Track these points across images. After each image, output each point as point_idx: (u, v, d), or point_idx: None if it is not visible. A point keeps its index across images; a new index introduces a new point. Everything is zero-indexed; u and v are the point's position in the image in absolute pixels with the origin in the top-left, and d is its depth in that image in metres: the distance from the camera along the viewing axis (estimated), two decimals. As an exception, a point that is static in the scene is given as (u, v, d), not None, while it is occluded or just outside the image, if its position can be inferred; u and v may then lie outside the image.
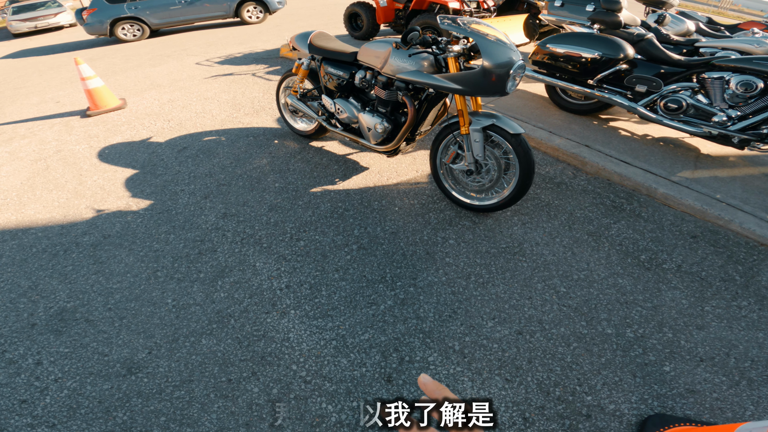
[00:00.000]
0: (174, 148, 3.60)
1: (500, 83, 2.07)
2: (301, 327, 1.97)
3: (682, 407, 1.63)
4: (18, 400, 1.71)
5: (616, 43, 3.32)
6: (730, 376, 1.74)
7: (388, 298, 2.10)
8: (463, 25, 2.15)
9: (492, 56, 2.03)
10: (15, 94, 5.70)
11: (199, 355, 1.85)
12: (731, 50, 3.72)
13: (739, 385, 1.71)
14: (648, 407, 1.63)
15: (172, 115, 4.31)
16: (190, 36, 8.72)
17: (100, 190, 3.05)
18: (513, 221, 2.66)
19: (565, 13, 4.05)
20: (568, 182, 3.10)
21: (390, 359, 1.81)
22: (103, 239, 2.55)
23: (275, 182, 3.02)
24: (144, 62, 6.68)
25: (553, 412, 1.61)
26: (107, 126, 4.17)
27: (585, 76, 3.55)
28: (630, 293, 2.12)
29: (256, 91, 4.90)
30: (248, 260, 2.34)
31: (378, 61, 2.52)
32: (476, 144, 2.38)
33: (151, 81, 5.59)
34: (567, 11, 4.03)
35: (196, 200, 2.86)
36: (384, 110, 2.64)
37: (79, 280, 2.27)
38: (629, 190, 3.01)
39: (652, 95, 3.33)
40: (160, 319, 2.02)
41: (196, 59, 6.61)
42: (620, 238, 2.52)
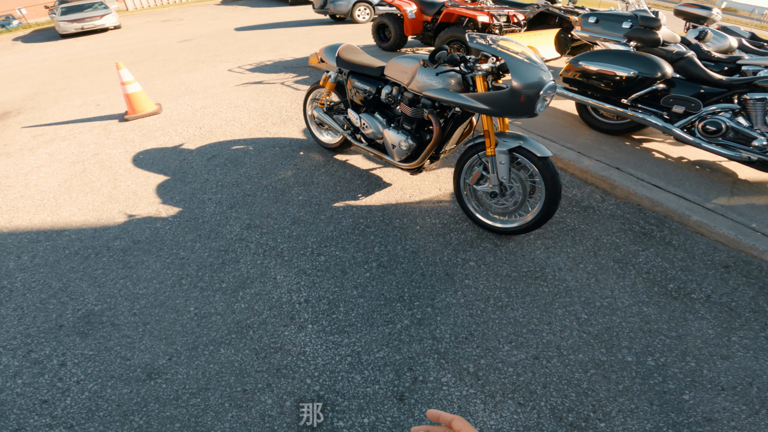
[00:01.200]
0: (204, 155, 3.70)
1: (529, 104, 2.03)
2: (317, 341, 1.98)
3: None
4: (39, 400, 1.77)
5: (654, 62, 3.21)
6: (750, 405, 1.69)
7: (405, 318, 2.10)
8: (491, 44, 2.13)
9: (521, 76, 2.00)
10: (59, 96, 6.00)
11: (217, 364, 1.89)
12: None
13: (758, 414, 1.65)
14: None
15: (204, 122, 4.44)
16: (224, 43, 8.97)
17: (133, 195, 3.17)
18: (536, 245, 2.60)
19: (599, 30, 3.95)
20: (595, 206, 3.01)
21: (403, 378, 1.80)
22: (133, 244, 2.64)
23: (299, 195, 3.07)
24: (180, 67, 6.92)
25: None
26: (143, 131, 4.33)
27: (618, 95, 3.45)
28: (654, 322, 2.06)
29: (284, 100, 4.99)
30: (269, 273, 2.38)
31: (405, 77, 2.53)
32: (502, 166, 2.34)
33: (185, 87, 5.78)
34: (602, 28, 3.93)
35: (222, 210, 2.93)
36: (409, 127, 2.64)
37: (108, 283, 2.36)
38: (660, 217, 2.90)
39: (690, 116, 3.20)
40: (182, 327, 2.07)
41: (228, 66, 6.80)
42: (648, 266, 2.43)
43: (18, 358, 1.96)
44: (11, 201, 3.28)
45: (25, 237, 2.82)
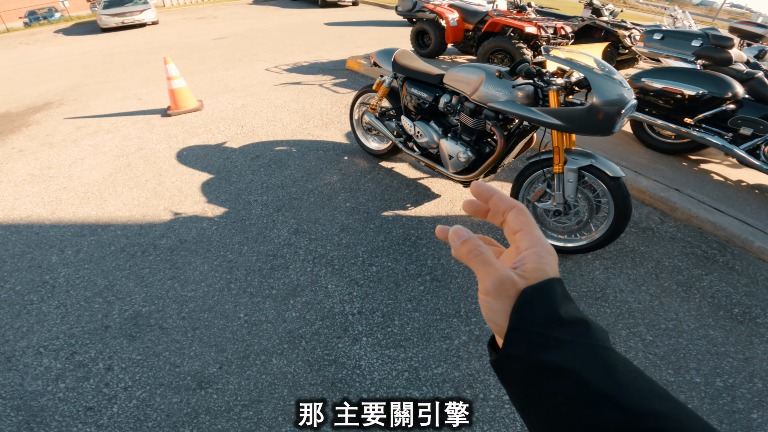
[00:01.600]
0: (247, 155, 3.67)
1: (608, 122, 1.93)
2: (372, 355, 1.91)
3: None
4: (84, 407, 1.70)
5: (725, 81, 3.06)
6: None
7: (463, 334, 2.02)
8: (573, 59, 2.04)
9: (603, 93, 1.91)
10: (100, 89, 6.09)
11: (269, 375, 1.82)
12: None
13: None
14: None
15: (245, 121, 4.43)
16: (259, 42, 9.04)
17: (178, 193, 3.15)
18: (594, 265, 2.50)
19: (665, 47, 3.82)
20: (654, 228, 2.89)
21: (464, 395, 1.75)
22: (180, 244, 2.60)
23: (346, 201, 3.00)
24: (218, 65, 6.97)
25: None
26: (185, 127, 4.34)
27: (682, 114, 3.31)
28: (721, 345, 2.02)
29: (324, 102, 4.95)
30: (320, 281, 2.31)
31: (467, 87, 2.44)
32: (569, 184, 2.24)
33: (224, 84, 5.80)
34: (668, 45, 3.79)
35: (269, 212, 2.88)
36: (468, 138, 2.55)
37: (155, 284, 2.32)
38: (722, 241, 2.78)
39: (756, 139, 3.05)
40: (232, 334, 2.01)
41: (265, 65, 6.82)
42: (712, 290, 2.36)
43: (61, 360, 1.90)
44: (54, 192, 3.28)
45: (68, 230, 2.81)
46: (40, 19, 19.30)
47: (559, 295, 0.34)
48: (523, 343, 0.33)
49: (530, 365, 0.32)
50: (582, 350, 0.32)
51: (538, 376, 0.32)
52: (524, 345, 0.33)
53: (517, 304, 0.34)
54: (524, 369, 0.33)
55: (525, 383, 0.33)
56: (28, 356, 1.92)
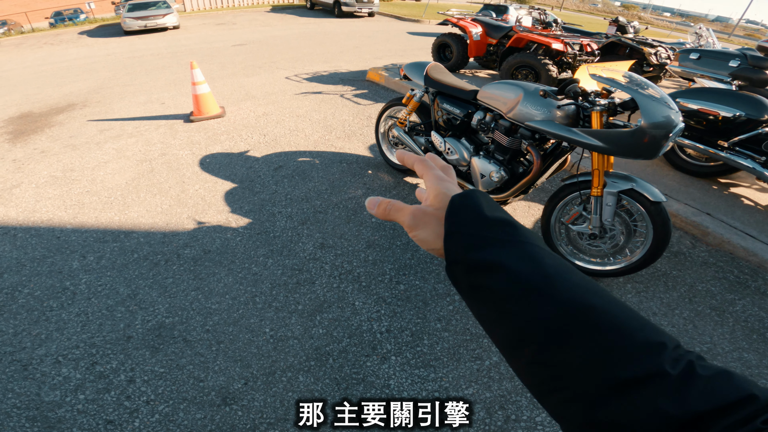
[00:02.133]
0: (270, 165, 3.66)
1: (654, 146, 1.87)
2: (402, 375, 1.86)
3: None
4: (104, 420, 1.65)
5: (763, 103, 3.00)
6: None
7: (494, 354, 1.97)
8: (617, 79, 1.99)
9: (651, 115, 1.84)
10: (123, 91, 6.15)
11: (296, 392, 1.77)
12: None
13: None
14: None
15: (267, 130, 4.42)
16: (278, 50, 9.11)
17: (201, 201, 3.13)
18: (626, 288, 2.44)
19: (701, 67, 3.76)
20: (686, 252, 2.82)
21: (495, 417, 1.70)
22: (204, 254, 2.58)
23: (372, 217, 2.96)
24: (238, 71, 7.02)
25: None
26: (208, 134, 4.34)
27: (716, 136, 3.23)
28: (755, 367, 2.00)
29: (346, 113, 4.95)
30: (347, 298, 2.26)
31: (503, 105, 2.40)
32: (608, 208, 2.18)
33: (245, 91, 5.83)
34: (704, 65, 3.73)
35: (293, 225, 2.85)
36: (501, 158, 2.50)
37: (179, 294, 2.28)
38: (754, 267, 2.72)
39: (792, 164, 2.97)
40: (258, 349, 1.96)
41: (285, 73, 6.85)
42: (745, 314, 2.32)
43: (80, 371, 1.85)
44: (76, 196, 3.28)
45: (90, 236, 2.78)
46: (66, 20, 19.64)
47: (483, 201, 0.39)
48: (459, 245, 0.37)
49: (467, 265, 0.36)
50: (510, 247, 0.35)
51: (475, 275, 0.35)
52: (460, 246, 0.37)
53: (447, 212, 0.39)
54: (464, 271, 0.36)
55: (469, 286, 0.36)
56: (46, 365, 1.88)
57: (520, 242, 0.35)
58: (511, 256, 0.34)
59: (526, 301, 0.32)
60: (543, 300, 0.31)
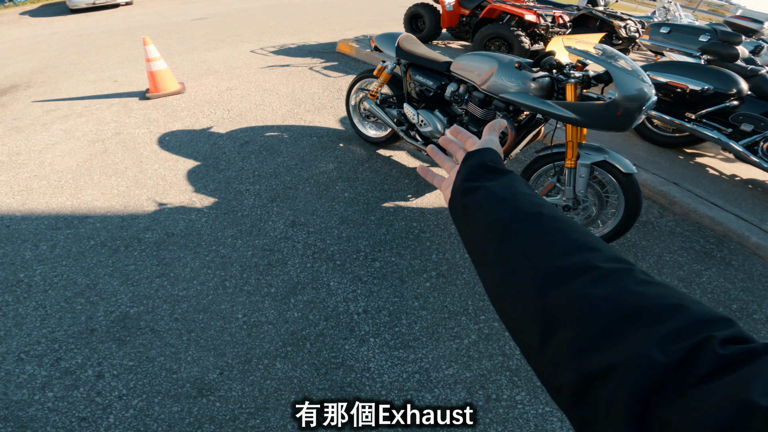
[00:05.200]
0: (236, 141, 3.47)
1: (627, 119, 1.87)
2: (381, 357, 1.82)
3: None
4: (77, 418, 1.57)
5: (730, 77, 3.04)
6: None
7: (472, 332, 1.95)
8: (591, 51, 1.96)
9: (625, 88, 1.83)
10: (71, 71, 5.69)
11: (274, 380, 1.71)
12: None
13: None
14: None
15: (232, 105, 4.20)
16: (243, 23, 8.66)
17: (162, 181, 2.94)
18: (600, 261, 2.46)
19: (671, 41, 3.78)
20: (654, 222, 2.87)
21: (476, 396, 1.69)
22: (167, 237, 2.43)
23: (344, 191, 2.86)
24: (199, 46, 6.62)
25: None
26: (167, 111, 4.08)
27: (683, 108, 3.28)
28: None
29: (315, 86, 4.75)
30: (321, 278, 2.19)
31: (477, 77, 2.33)
32: (581, 180, 2.17)
33: (207, 66, 5.50)
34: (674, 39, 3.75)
35: (263, 203, 2.72)
36: (476, 129, 2.45)
37: (143, 282, 2.14)
38: (719, 236, 2.80)
39: (755, 135, 3.05)
40: (231, 336, 1.87)
41: (250, 47, 6.52)
42: (711, 285, 2.38)
43: (45, 367, 1.74)
44: (24, 181, 3.02)
45: (42, 223, 2.58)
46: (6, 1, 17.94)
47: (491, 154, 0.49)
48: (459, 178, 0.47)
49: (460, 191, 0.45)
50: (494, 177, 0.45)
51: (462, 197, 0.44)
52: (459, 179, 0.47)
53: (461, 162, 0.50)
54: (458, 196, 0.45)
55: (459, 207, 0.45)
56: (9, 363, 1.75)
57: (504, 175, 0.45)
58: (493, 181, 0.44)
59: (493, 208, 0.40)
60: (505, 206, 0.39)
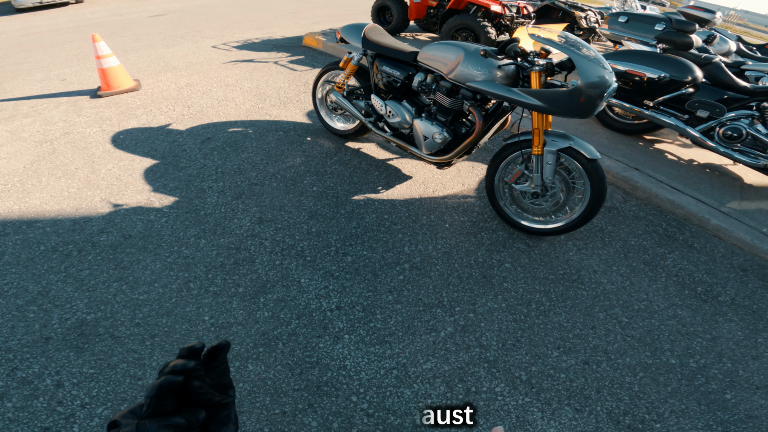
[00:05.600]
0: (197, 137, 3.32)
1: (589, 105, 1.91)
2: (357, 354, 1.78)
3: (743, 431, 1.68)
4: (40, 428, 1.48)
5: (686, 65, 3.15)
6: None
7: (448, 325, 1.94)
8: (555, 39, 1.98)
9: (587, 75, 1.87)
10: (17, 70, 5.32)
11: (247, 382, 1.65)
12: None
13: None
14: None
15: (192, 101, 4.02)
16: (204, 18, 8.35)
17: (117, 181, 2.78)
18: (568, 246, 2.51)
19: (627, 30, 3.89)
20: (619, 207, 2.95)
21: (456, 390, 1.68)
22: (124, 240, 2.29)
23: (312, 185, 2.79)
24: (156, 42, 6.33)
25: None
26: (121, 108, 3.86)
27: (641, 96, 3.38)
28: (690, 324, 2.11)
29: (280, 80, 4.62)
30: (291, 275, 2.12)
31: (444, 66, 2.31)
32: (548, 166, 2.20)
33: (165, 62, 5.26)
34: (631, 28, 3.86)
35: (227, 200, 2.61)
36: (444, 119, 2.43)
37: (99, 287, 2.01)
38: (680, 219, 2.90)
39: (711, 121, 3.18)
40: (198, 339, 1.78)
41: (211, 42, 6.28)
42: (676, 269, 2.45)
43: (1, 377, 1.63)
44: (-34, 184, 2.79)
45: (-13, 228, 2.38)
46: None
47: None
48: None
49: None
50: None
51: None
52: None
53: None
54: None
55: None
56: (-38, 373, 1.62)
57: None
58: None
59: None
60: None
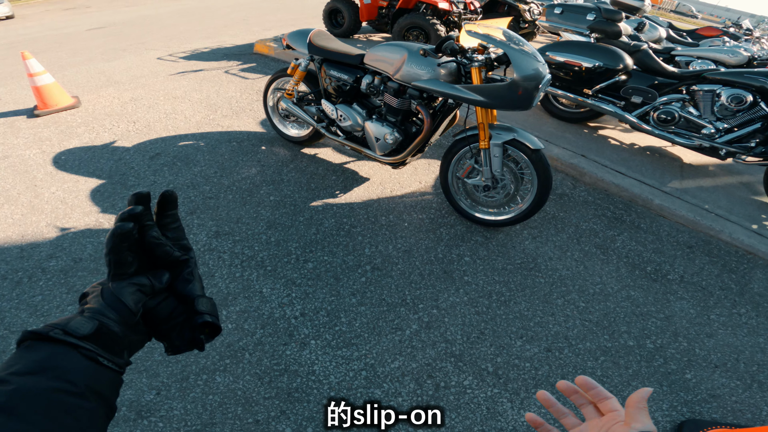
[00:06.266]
0: (145, 154, 3.21)
1: (527, 97, 1.99)
2: (325, 358, 1.79)
3: (708, 411, 1.73)
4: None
5: (617, 54, 3.33)
6: (743, 380, 1.87)
7: (413, 322, 1.98)
8: (490, 34, 2.04)
9: (522, 68, 1.95)
10: (-59, 89, 4.95)
11: (217, 394, 1.63)
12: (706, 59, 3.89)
13: (751, 388, 1.84)
14: (679, 413, 1.71)
15: (137, 116, 3.88)
16: (148, 30, 8.06)
17: (62, 204, 2.65)
18: (523, 235, 2.60)
19: (563, 21, 4.07)
20: (569, 193, 3.09)
21: (425, 386, 1.71)
22: (74, 263, 2.19)
23: (269, 195, 2.76)
24: (95, 56, 6.05)
25: (593, 425, 1.58)
26: (60, 128, 3.68)
27: (581, 85, 3.56)
28: (643, 305, 2.19)
29: (232, 90, 4.54)
30: (253, 286, 2.10)
31: (390, 67, 2.35)
32: (496, 159, 2.28)
33: (106, 77, 5.04)
34: (566, 19, 4.05)
35: (181, 216, 2.52)
36: (394, 119, 2.47)
37: (53, 311, 1.93)
38: (626, 201, 3.06)
39: (645, 106, 3.38)
40: (162, 356, 1.75)
41: (156, 54, 6.07)
42: (625, 250, 2.57)
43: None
44: None
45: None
46: None
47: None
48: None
49: None
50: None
51: None
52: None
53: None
54: None
55: None
56: None
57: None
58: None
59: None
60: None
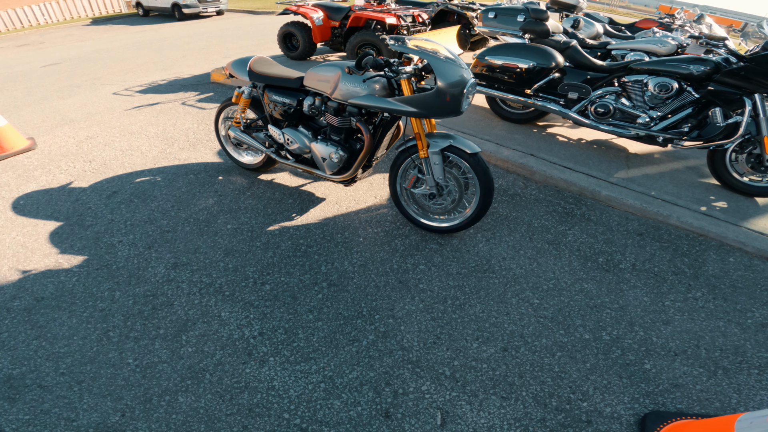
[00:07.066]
0: (101, 193, 3.23)
1: (455, 103, 2.07)
2: (284, 373, 1.85)
3: (672, 402, 1.73)
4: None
5: (548, 52, 3.51)
6: (706, 367, 1.88)
7: (369, 333, 2.04)
8: (413, 45, 2.13)
9: (445, 76, 2.02)
10: None
11: (180, 413, 1.68)
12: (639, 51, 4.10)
13: (716, 375, 1.85)
14: (641, 406, 1.72)
15: (93, 155, 3.89)
16: (103, 64, 8.03)
17: (22, 249, 2.66)
18: (477, 238, 2.69)
19: (498, 24, 4.26)
20: (520, 193, 3.20)
21: (384, 394, 1.76)
22: (37, 302, 2.22)
23: (227, 224, 2.82)
24: (50, 94, 6.02)
25: (554, 423, 1.65)
26: (17, 172, 3.66)
27: (522, 86, 3.72)
28: (597, 296, 2.24)
29: (188, 122, 4.58)
30: (211, 311, 2.15)
31: (327, 87, 2.44)
32: (436, 167, 2.38)
33: (61, 116, 5.02)
34: (500, 22, 4.24)
35: (139, 251, 2.58)
36: (338, 138, 2.57)
37: (19, 346, 1.98)
38: (576, 195, 3.18)
39: (583, 101, 3.56)
40: (125, 380, 1.80)
41: (112, 89, 6.07)
42: (577, 243, 2.65)
43: None
44: None
45: None
46: None
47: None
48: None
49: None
50: None
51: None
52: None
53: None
54: None
55: None
56: None
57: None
58: None
59: None
60: None
